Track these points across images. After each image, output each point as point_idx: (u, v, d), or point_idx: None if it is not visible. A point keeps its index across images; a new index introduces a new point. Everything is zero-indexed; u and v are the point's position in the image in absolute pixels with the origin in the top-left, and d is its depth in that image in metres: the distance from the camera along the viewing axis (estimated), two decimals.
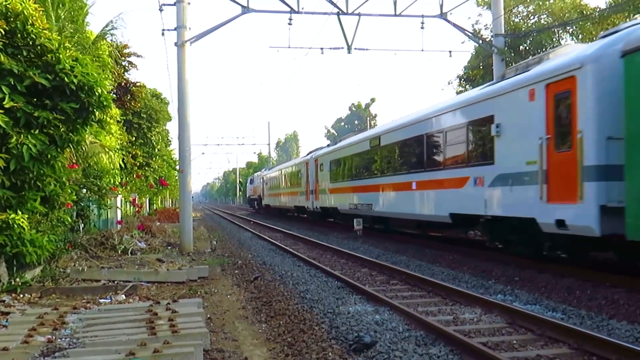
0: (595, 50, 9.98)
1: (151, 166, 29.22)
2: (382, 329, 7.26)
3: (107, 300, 9.55)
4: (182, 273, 11.92)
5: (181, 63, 17.99)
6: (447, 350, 6.32)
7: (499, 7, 21.24)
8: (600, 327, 7.28)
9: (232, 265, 14.73)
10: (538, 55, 12.75)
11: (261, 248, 18.82)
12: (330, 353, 6.37)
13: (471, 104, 13.82)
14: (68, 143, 10.50)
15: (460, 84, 30.66)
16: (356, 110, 68.74)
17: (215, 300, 9.95)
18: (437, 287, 9.97)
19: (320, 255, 16.10)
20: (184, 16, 17.88)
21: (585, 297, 9.17)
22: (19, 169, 9.43)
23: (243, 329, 7.93)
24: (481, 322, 7.66)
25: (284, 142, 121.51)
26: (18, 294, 9.68)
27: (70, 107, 9.82)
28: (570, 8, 25.04)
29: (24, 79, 9.34)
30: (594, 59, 9.79)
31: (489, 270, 12.17)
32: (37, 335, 6.66)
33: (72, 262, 12.13)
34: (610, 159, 9.33)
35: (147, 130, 27.98)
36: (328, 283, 11.11)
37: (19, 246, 9.37)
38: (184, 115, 18.16)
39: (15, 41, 9.66)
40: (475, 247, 15.61)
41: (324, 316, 8.11)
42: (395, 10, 20.36)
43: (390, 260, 14.20)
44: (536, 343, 6.63)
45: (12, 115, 9.10)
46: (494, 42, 21.66)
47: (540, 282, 10.49)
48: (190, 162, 18.59)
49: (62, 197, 11.10)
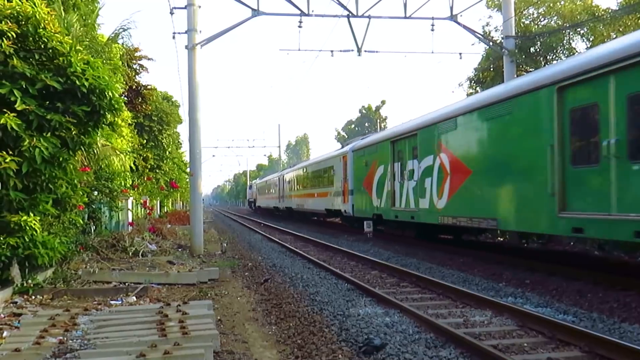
0: (345, 149, 26.20)
1: (162, 169, 29.33)
2: (392, 331, 7.25)
3: (118, 302, 9.58)
4: (193, 275, 11.95)
5: (192, 66, 18.05)
6: (457, 353, 6.30)
7: (509, 9, 21.19)
8: (612, 330, 7.23)
9: (242, 268, 14.76)
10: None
11: (271, 250, 18.84)
12: (340, 355, 6.37)
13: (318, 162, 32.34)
14: (80, 146, 10.54)
15: (470, 85, 30.55)
16: (366, 113, 68.71)
17: (226, 302, 9.97)
18: (448, 290, 9.94)
19: (330, 258, 16.10)
20: (194, 19, 17.96)
21: (596, 300, 9.12)
22: (31, 172, 9.48)
23: (253, 331, 7.94)
24: (492, 325, 7.63)
25: (294, 144, 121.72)
26: (30, 296, 9.73)
27: (81, 110, 9.86)
28: (581, 10, 24.90)
29: (35, 82, 9.38)
30: (346, 152, 25.64)
31: (499, 273, 12.14)
32: (49, 336, 6.69)
33: (84, 264, 12.20)
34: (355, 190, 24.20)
35: (158, 132, 28.13)
36: (338, 285, 11.10)
37: (31, 248, 9.41)
38: (194, 118, 18.22)
39: (27, 44, 9.72)
40: (485, 250, 15.55)
41: (334, 318, 8.11)
42: (405, 13, 20.36)
43: (400, 262, 14.17)
44: (547, 346, 6.59)
45: (24, 118, 9.14)
46: (505, 44, 21.60)
47: (551, 285, 10.44)
48: (200, 164, 18.64)
49: (74, 200, 11.16)
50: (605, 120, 9.44)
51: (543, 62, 25.80)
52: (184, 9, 18.15)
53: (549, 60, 25.81)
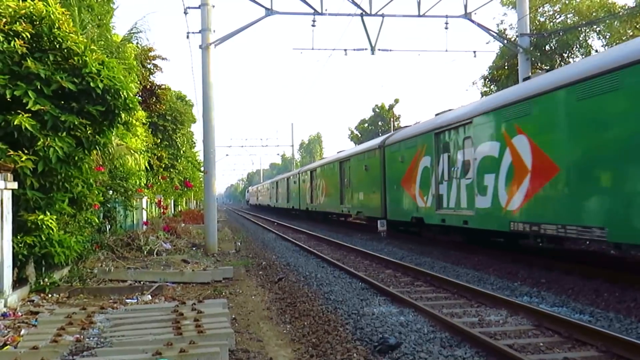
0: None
1: (176, 168, 29.43)
2: (407, 330, 7.23)
3: (133, 300, 9.64)
4: (207, 274, 12.00)
5: (206, 65, 18.11)
6: (472, 352, 6.26)
7: (524, 6, 21.07)
8: (629, 329, 7.16)
9: (257, 266, 14.79)
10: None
11: (285, 249, 18.86)
12: (354, 354, 6.36)
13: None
14: (95, 145, 10.60)
15: (485, 84, 30.43)
16: (380, 112, 68.37)
17: (240, 301, 10.00)
18: (462, 289, 9.89)
19: (344, 257, 16.09)
20: (208, 19, 18.02)
21: (613, 299, 9.04)
22: (47, 171, 9.56)
23: (268, 330, 7.95)
24: (507, 324, 7.58)
25: (308, 143, 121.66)
26: (47, 294, 9.82)
27: (96, 110, 9.91)
28: (597, 7, 24.70)
29: (50, 82, 9.43)
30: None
31: (514, 272, 12.06)
32: (66, 334, 6.74)
33: (99, 262, 12.27)
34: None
35: (172, 132, 28.22)
36: (352, 284, 11.09)
37: (48, 247, 9.48)
38: (208, 118, 18.28)
39: (41, 45, 9.77)
40: (500, 249, 15.46)
41: (349, 317, 8.10)
42: (419, 11, 20.31)
43: (414, 261, 14.13)
44: (563, 346, 6.54)
45: (39, 119, 9.22)
46: (519, 41, 21.49)
47: (567, 284, 10.36)
48: (214, 163, 18.70)
49: (90, 199, 11.24)
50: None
51: (559, 59, 25.63)
52: (197, 8, 18.24)
53: (564, 58, 25.63)
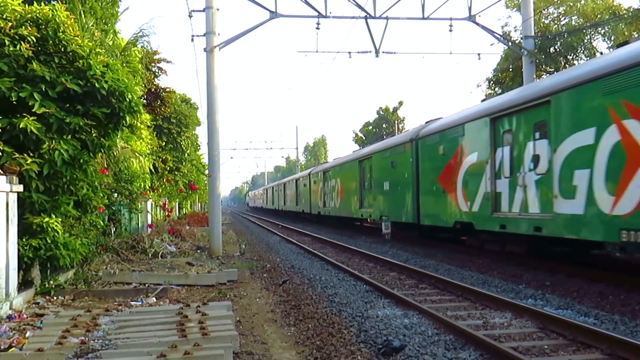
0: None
1: (181, 170, 29.47)
2: (411, 332, 7.22)
3: (138, 302, 9.65)
4: (212, 276, 12.01)
5: (210, 68, 18.14)
6: (476, 355, 6.26)
7: (528, 8, 21.06)
8: (634, 332, 7.13)
9: (261, 269, 14.79)
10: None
11: (289, 252, 18.86)
12: (359, 357, 6.35)
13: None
14: (100, 148, 10.64)
15: (489, 86, 30.40)
16: (384, 114, 68.22)
17: (245, 304, 10.00)
18: (467, 292, 9.88)
19: (348, 259, 16.08)
20: (212, 22, 18.05)
21: (618, 302, 9.02)
22: (52, 174, 9.60)
23: (272, 332, 7.96)
24: (511, 327, 7.57)
25: (312, 146, 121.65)
26: (52, 297, 9.85)
27: (101, 113, 9.96)
28: (602, 9, 24.66)
29: (55, 85, 9.49)
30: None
31: (519, 274, 12.04)
32: (71, 336, 6.75)
33: (104, 265, 12.31)
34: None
35: (177, 135, 28.27)
36: (356, 287, 11.09)
37: (53, 249, 9.52)
38: (213, 121, 18.30)
39: (47, 48, 9.84)
40: (505, 252, 15.41)
41: (353, 320, 8.09)
42: (423, 13, 20.30)
43: (419, 264, 14.12)
44: (568, 348, 6.53)
45: (44, 121, 9.26)
46: (524, 44, 21.46)
47: (571, 287, 10.34)
48: (219, 166, 18.71)
49: (95, 201, 11.26)
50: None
51: (563, 62, 25.59)
52: (202, 11, 18.27)
53: (569, 61, 25.60)
